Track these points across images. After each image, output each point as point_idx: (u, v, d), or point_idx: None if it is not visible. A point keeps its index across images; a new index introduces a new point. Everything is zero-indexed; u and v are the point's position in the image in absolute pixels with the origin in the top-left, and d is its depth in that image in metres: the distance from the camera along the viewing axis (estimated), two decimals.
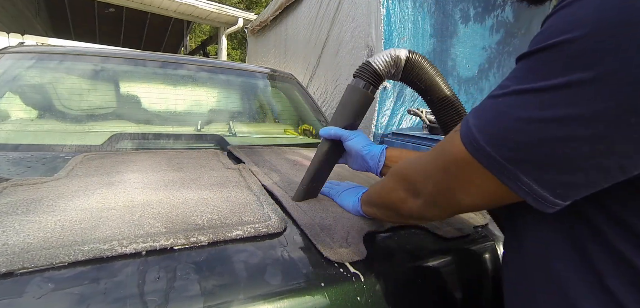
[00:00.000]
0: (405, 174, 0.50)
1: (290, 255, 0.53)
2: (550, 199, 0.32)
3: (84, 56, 1.51)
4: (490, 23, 3.24)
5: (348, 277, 0.50)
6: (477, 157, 0.35)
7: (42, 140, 1.14)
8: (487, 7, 3.20)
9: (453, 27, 3.04)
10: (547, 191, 0.32)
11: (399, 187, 0.51)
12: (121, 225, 0.55)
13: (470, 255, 0.67)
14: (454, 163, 0.39)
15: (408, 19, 2.80)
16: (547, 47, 0.30)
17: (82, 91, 1.46)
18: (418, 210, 0.48)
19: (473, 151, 0.36)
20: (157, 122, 1.44)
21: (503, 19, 3.31)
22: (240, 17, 6.26)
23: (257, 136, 1.50)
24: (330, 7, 3.41)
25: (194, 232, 0.54)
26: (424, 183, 0.45)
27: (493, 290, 0.67)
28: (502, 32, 3.31)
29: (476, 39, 3.18)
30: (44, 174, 0.81)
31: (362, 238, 0.60)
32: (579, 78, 0.27)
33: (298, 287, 0.46)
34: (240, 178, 0.86)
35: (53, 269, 0.43)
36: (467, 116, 0.38)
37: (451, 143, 0.39)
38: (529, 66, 0.32)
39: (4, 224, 0.53)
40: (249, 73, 1.85)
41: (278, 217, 0.63)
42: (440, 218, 0.48)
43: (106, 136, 1.20)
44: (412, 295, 0.57)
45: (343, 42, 3.22)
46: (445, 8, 2.99)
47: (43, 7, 8.24)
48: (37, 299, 0.38)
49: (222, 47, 6.68)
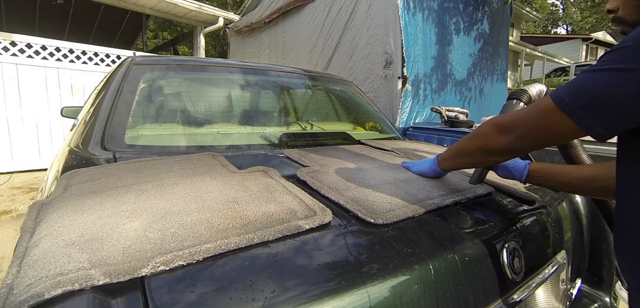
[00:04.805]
0: (500, 121, 0.71)
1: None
2: (600, 131, 0.54)
3: (212, 67, 1.66)
4: (474, 34, 3.90)
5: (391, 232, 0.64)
6: (560, 105, 0.58)
7: (201, 142, 1.24)
8: (471, 20, 3.86)
9: (449, 36, 3.62)
10: (599, 126, 0.54)
11: (492, 130, 0.72)
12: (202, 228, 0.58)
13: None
14: (544, 110, 0.61)
15: (419, 30, 3.29)
16: (613, 50, 0.53)
17: (216, 98, 1.61)
18: (506, 143, 0.69)
19: (558, 101, 0.58)
20: (283, 124, 1.65)
21: (482, 31, 4.00)
22: (221, 16, 6.21)
23: (351, 133, 1.65)
24: (342, 15, 3.74)
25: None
26: (517, 125, 0.67)
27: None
28: (482, 41, 4.01)
29: (465, 46, 3.81)
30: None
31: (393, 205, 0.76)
32: (630, 66, 0.50)
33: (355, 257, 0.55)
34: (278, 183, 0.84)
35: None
36: (557, 88, 0.62)
37: (543, 100, 0.63)
38: (601, 59, 0.55)
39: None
40: (330, 79, 2.12)
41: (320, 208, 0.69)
42: (521, 150, 0.71)
43: (254, 138, 1.34)
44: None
45: (358, 49, 3.59)
46: (444, 19, 3.55)
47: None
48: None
49: (200, 45, 6.52)
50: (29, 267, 0.45)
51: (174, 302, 0.43)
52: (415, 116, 3.33)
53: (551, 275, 0.86)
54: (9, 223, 2.80)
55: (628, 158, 0.60)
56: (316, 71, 2.22)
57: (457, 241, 0.69)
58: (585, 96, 0.55)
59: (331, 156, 1.15)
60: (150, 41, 13.74)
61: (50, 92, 4.33)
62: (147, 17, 8.85)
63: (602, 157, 1.69)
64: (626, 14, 0.65)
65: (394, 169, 1.04)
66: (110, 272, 0.45)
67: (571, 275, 1.02)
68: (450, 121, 2.91)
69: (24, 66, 4.13)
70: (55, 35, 4.86)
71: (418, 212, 0.75)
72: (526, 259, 0.78)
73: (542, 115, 0.62)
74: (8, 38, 4.02)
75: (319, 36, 4.09)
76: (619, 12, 0.66)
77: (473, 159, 0.82)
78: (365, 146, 1.45)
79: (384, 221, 0.68)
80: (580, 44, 17.46)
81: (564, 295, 0.94)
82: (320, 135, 1.57)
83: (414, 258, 0.60)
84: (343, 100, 2.08)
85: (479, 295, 0.67)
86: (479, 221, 0.80)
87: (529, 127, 0.65)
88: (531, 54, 14.05)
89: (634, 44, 0.50)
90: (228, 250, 0.53)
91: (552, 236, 0.94)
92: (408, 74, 3.21)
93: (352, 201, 0.75)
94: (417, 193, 0.84)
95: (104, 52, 4.79)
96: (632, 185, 0.59)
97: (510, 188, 1.01)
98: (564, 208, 1.06)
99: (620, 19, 0.66)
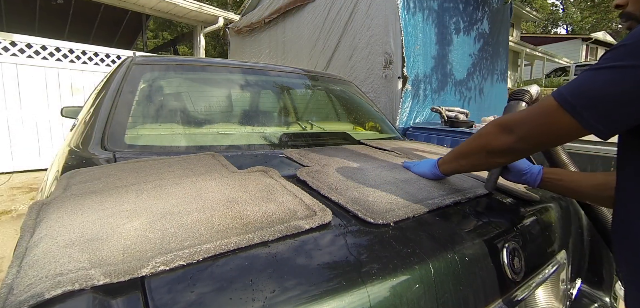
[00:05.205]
0: (503, 121, 0.71)
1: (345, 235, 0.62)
2: (602, 129, 0.54)
3: (212, 67, 1.66)
4: (474, 34, 3.90)
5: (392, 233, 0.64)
6: (563, 104, 0.58)
7: (200, 141, 1.24)
8: (471, 20, 3.85)
9: (449, 37, 3.62)
10: (600, 124, 0.54)
11: (495, 129, 0.72)
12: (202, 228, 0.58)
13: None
14: (546, 109, 0.61)
15: (419, 30, 3.29)
16: (614, 48, 0.54)
17: (216, 98, 1.61)
18: (508, 143, 0.68)
19: (561, 101, 0.58)
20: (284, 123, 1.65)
21: (482, 31, 4.00)
22: (221, 16, 6.21)
23: (350, 132, 1.65)
24: (342, 15, 3.74)
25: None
26: (520, 125, 0.67)
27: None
28: (482, 41, 4.01)
29: (465, 46, 3.81)
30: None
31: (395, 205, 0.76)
32: (630, 63, 0.51)
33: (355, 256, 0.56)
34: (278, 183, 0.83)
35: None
36: (559, 87, 0.61)
37: (546, 100, 0.62)
38: (602, 57, 0.56)
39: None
40: (330, 79, 2.12)
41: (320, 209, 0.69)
42: (524, 151, 0.70)
43: (254, 138, 1.34)
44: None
45: (358, 49, 3.59)
46: (444, 19, 3.55)
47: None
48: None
49: (200, 45, 6.53)
50: (29, 267, 0.45)
51: (174, 302, 0.43)
52: (415, 116, 3.33)
53: (551, 275, 0.86)
54: (9, 223, 2.80)
55: (628, 158, 0.61)
56: (316, 71, 2.22)
57: (457, 241, 0.69)
58: (587, 94, 0.55)
59: (331, 156, 1.15)
60: (150, 41, 13.77)
61: (50, 92, 4.33)
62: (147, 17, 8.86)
63: (602, 157, 1.69)
64: (635, 8, 0.65)
65: (394, 169, 1.04)
66: (110, 272, 0.45)
67: (571, 275, 1.02)
68: (450, 121, 2.91)
69: (24, 66, 4.13)
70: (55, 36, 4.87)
71: (418, 212, 0.75)
72: (526, 259, 0.78)
73: (545, 115, 0.62)
74: (8, 38, 4.02)
75: (319, 36, 4.09)
76: (628, 7, 0.66)
77: (475, 160, 0.81)
78: (365, 146, 1.45)
79: (384, 221, 0.68)
80: (580, 44, 17.46)
81: (564, 295, 0.94)
82: (320, 135, 1.57)
83: (414, 258, 0.60)
84: (343, 100, 2.08)
85: (479, 295, 0.67)
86: (479, 221, 0.80)
87: (532, 127, 0.65)
88: (531, 54, 14.05)
89: (634, 42, 0.51)
90: (228, 250, 0.53)
91: (552, 236, 0.94)
92: (408, 74, 3.21)
93: (352, 201, 0.75)
94: (417, 193, 0.84)
95: (104, 52, 4.79)
96: (632, 185, 0.59)
97: (510, 188, 1.01)
98: (564, 208, 1.06)
99: (629, 14, 0.66)
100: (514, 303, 0.73)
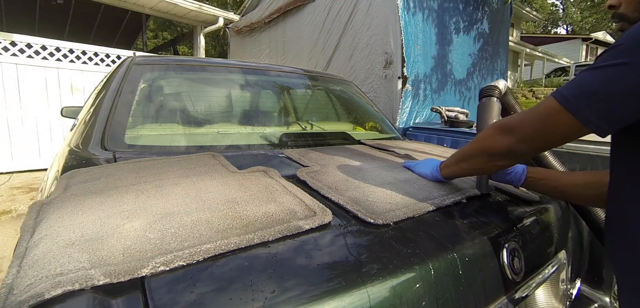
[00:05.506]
0: (503, 123, 0.71)
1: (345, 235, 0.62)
2: (603, 127, 0.55)
3: (212, 67, 1.66)
4: (474, 34, 3.90)
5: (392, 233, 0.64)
6: (563, 103, 0.58)
7: (200, 141, 1.23)
8: (471, 20, 3.86)
9: (449, 36, 3.62)
10: (602, 121, 0.54)
11: (496, 132, 0.71)
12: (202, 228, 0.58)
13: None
14: (547, 109, 0.61)
15: (419, 30, 3.29)
16: (611, 48, 0.54)
17: (216, 98, 1.61)
18: (509, 145, 0.68)
19: (562, 101, 0.58)
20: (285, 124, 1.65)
21: (482, 31, 4.00)
22: (221, 16, 6.21)
23: (350, 132, 1.65)
24: (342, 15, 3.74)
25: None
26: (521, 126, 0.66)
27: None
28: (482, 41, 4.01)
29: (465, 46, 3.81)
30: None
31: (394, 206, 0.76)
32: (627, 60, 0.51)
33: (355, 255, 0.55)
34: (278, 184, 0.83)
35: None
36: (559, 88, 0.61)
37: (546, 100, 0.62)
38: (600, 56, 0.56)
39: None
40: (330, 79, 2.12)
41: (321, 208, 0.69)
42: (525, 153, 0.69)
43: (255, 138, 1.34)
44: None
45: (358, 49, 3.59)
46: (444, 19, 3.55)
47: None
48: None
49: (200, 45, 6.53)
50: (29, 267, 0.45)
51: (174, 302, 0.43)
52: (415, 116, 3.33)
53: (551, 275, 0.86)
54: (9, 223, 2.80)
55: (621, 156, 0.61)
56: (316, 71, 2.22)
57: (457, 241, 0.69)
58: (586, 93, 0.56)
59: (331, 156, 1.15)
60: (150, 41, 13.77)
61: (50, 92, 4.33)
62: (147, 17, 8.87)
63: (602, 157, 1.69)
64: (628, 10, 0.65)
65: (394, 169, 1.04)
66: (110, 272, 0.45)
67: (571, 275, 1.02)
68: (450, 121, 2.91)
69: (24, 66, 4.12)
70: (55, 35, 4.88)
71: (418, 212, 0.75)
72: (526, 259, 0.78)
73: (547, 115, 0.62)
74: (8, 38, 4.02)
75: (319, 36, 4.09)
76: (620, 8, 0.66)
77: (476, 163, 0.80)
78: (365, 146, 1.45)
79: (384, 221, 0.68)
80: (580, 44, 17.46)
81: (563, 295, 0.94)
82: (320, 135, 1.57)
83: (414, 258, 0.60)
84: (343, 100, 2.08)
85: (478, 295, 0.67)
86: (479, 221, 0.80)
87: (533, 128, 0.65)
88: (531, 54, 14.06)
89: (630, 40, 0.51)
90: (228, 250, 0.53)
91: (552, 236, 0.94)
92: (408, 74, 3.21)
93: (352, 201, 0.75)
94: (417, 193, 0.84)
95: (104, 52, 4.79)
96: (624, 183, 0.60)
97: (510, 188, 1.01)
98: (564, 208, 1.06)
99: (621, 15, 0.66)
100: (514, 303, 0.73)
